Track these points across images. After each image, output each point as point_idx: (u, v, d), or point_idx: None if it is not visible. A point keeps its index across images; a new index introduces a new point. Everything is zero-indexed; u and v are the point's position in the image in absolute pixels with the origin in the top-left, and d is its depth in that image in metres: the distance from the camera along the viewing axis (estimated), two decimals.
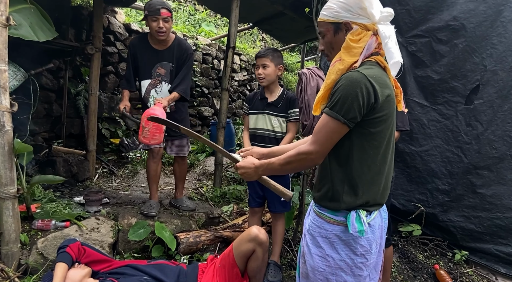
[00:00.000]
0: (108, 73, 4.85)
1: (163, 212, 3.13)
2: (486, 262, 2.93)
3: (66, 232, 2.58)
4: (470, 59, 2.95)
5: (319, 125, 1.32)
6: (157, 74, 3.01)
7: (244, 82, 7.66)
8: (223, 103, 4.19)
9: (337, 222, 1.37)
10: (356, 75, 1.27)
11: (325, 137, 1.30)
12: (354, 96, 1.25)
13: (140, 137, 2.64)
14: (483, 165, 2.90)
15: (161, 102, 2.76)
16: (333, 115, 1.27)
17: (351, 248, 1.36)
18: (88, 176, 4.00)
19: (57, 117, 4.35)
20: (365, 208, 1.36)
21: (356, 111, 1.26)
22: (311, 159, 1.34)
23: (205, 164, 4.95)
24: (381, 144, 1.35)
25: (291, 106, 2.67)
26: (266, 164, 1.50)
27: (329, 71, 1.39)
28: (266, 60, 2.63)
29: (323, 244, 1.39)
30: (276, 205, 2.69)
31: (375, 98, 1.27)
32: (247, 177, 1.57)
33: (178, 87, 2.95)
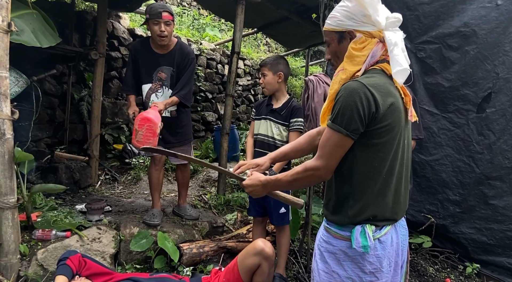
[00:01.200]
0: (112, 78, 4.81)
1: (165, 221, 3.07)
2: (498, 276, 2.83)
3: (67, 242, 2.52)
4: (481, 67, 2.87)
5: (324, 139, 1.28)
6: (158, 79, 2.95)
7: (248, 87, 7.61)
8: (227, 109, 4.13)
9: (343, 237, 1.32)
10: (354, 84, 1.23)
11: (331, 151, 1.25)
12: (353, 107, 1.20)
13: (134, 141, 2.58)
14: (495, 175, 2.82)
15: (157, 105, 2.70)
16: (335, 128, 1.23)
17: (359, 265, 1.30)
18: (91, 183, 3.95)
19: (60, 123, 4.32)
20: (372, 222, 1.30)
21: (357, 122, 1.21)
22: (319, 174, 1.29)
23: (209, 170, 4.89)
24: (387, 155, 1.28)
25: (293, 116, 2.60)
26: (274, 180, 1.45)
27: (333, 81, 1.35)
28: (265, 69, 2.62)
29: (329, 259, 1.34)
30: (274, 218, 2.63)
31: (376, 107, 1.21)
32: (255, 194, 1.51)
33: (179, 93, 2.89)
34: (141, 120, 2.53)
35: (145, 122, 2.53)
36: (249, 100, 7.68)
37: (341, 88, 1.25)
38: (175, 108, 2.99)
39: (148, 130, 2.53)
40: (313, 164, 1.28)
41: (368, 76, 1.26)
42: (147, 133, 2.53)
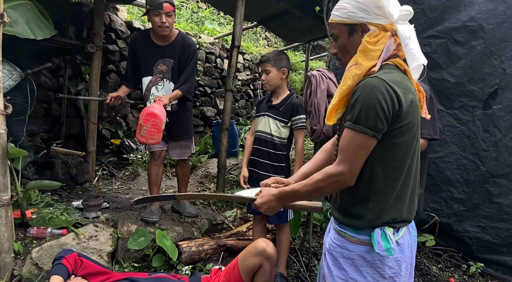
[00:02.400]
0: (109, 72, 4.72)
1: (164, 218, 3.00)
2: (502, 275, 2.79)
3: (63, 240, 2.46)
4: (488, 62, 2.80)
5: (345, 142, 1.19)
6: (159, 71, 2.88)
7: (248, 81, 7.52)
8: (227, 104, 4.06)
9: (361, 241, 1.25)
10: (375, 81, 1.15)
11: (354, 154, 1.17)
12: (377, 105, 1.13)
13: (137, 136, 2.52)
14: (501, 173, 2.76)
15: (162, 99, 2.64)
16: (359, 129, 1.15)
17: (378, 270, 1.23)
18: (88, 178, 3.87)
19: (56, 117, 4.23)
20: (391, 225, 1.24)
21: (383, 121, 1.14)
22: (343, 180, 1.19)
23: (208, 166, 4.82)
24: (407, 154, 1.23)
25: (295, 113, 2.52)
26: (290, 192, 1.34)
27: (345, 77, 1.26)
28: (268, 65, 2.52)
29: (345, 265, 1.27)
30: (271, 217, 2.56)
31: (399, 104, 1.15)
32: (271, 211, 1.40)
33: (182, 86, 2.83)
34: (146, 115, 2.47)
35: (150, 117, 2.46)
36: (248, 95, 7.60)
37: (360, 86, 1.18)
38: (176, 102, 2.92)
39: (153, 126, 2.47)
40: (336, 170, 1.20)
41: (386, 72, 1.19)
42: (151, 129, 2.47)
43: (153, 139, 2.49)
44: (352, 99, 1.19)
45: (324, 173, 1.23)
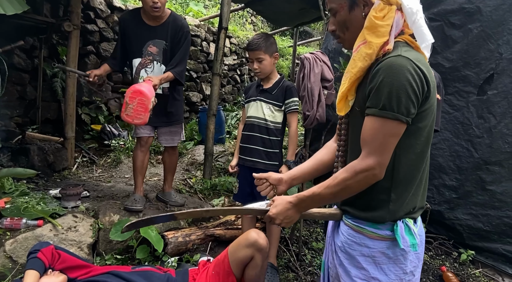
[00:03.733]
0: (88, 54, 4.47)
1: (148, 207, 2.86)
2: (492, 262, 2.78)
3: (39, 232, 2.30)
4: (484, 46, 2.73)
5: (371, 132, 1.06)
6: (148, 53, 2.72)
7: (234, 66, 7.33)
8: (214, 89, 3.90)
9: (382, 237, 1.14)
10: (401, 60, 1.03)
11: (384, 144, 1.04)
12: (408, 87, 1.01)
13: (123, 114, 2.37)
14: (494, 160, 2.72)
15: (152, 80, 2.48)
16: (390, 115, 1.02)
17: (401, 266, 1.14)
18: (66, 166, 3.68)
19: (31, 100, 3.99)
20: (411, 215, 1.15)
21: (415, 104, 1.04)
22: (373, 175, 1.06)
23: (194, 153, 4.68)
24: (428, 139, 1.13)
25: (288, 96, 2.42)
26: (310, 197, 1.16)
27: (354, 58, 1.13)
28: (260, 53, 2.36)
29: (365, 264, 1.16)
30: None
31: (427, 85, 1.05)
32: (288, 222, 1.22)
33: (174, 69, 2.68)
34: (132, 92, 2.31)
35: (136, 95, 2.30)
36: (235, 81, 7.42)
37: (382, 67, 1.04)
38: (168, 86, 2.78)
39: (140, 105, 2.32)
40: (365, 164, 1.06)
41: (406, 50, 1.07)
42: (138, 108, 2.32)
43: (139, 119, 2.34)
44: (372, 83, 1.06)
45: (351, 170, 1.08)
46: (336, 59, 2.90)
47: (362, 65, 1.10)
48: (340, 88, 1.20)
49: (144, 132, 2.77)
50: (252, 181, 2.47)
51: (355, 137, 1.19)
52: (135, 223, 1.29)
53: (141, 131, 2.76)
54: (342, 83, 1.19)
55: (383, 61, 1.05)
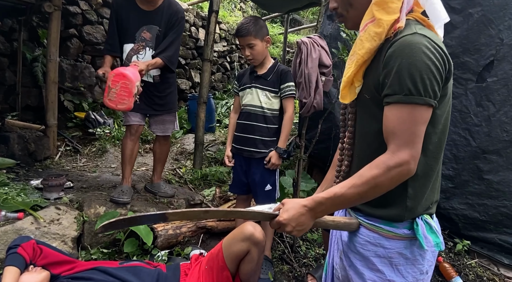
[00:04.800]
0: (71, 37, 4.25)
1: (136, 198, 2.74)
2: (488, 252, 2.75)
3: (19, 225, 2.16)
4: (485, 31, 2.64)
5: (398, 122, 0.92)
6: (141, 39, 2.57)
7: (224, 53, 7.14)
8: (205, 75, 3.76)
9: (399, 236, 1.04)
10: (418, 39, 0.92)
11: (415, 134, 0.92)
12: (433, 67, 0.90)
13: (105, 99, 2.24)
14: (492, 149, 2.66)
15: (138, 64, 2.34)
16: (419, 100, 0.90)
17: (419, 267, 1.05)
18: (49, 155, 3.50)
19: (10, 86, 3.78)
20: (428, 211, 1.06)
21: (440, 86, 0.93)
22: (408, 170, 0.93)
23: (183, 142, 4.54)
24: (445, 127, 1.04)
25: (284, 81, 2.29)
26: (329, 199, 0.98)
27: (361, 38, 1.02)
28: (250, 39, 2.21)
29: (381, 266, 1.06)
30: (259, 196, 2.37)
31: (448, 66, 0.95)
32: (300, 229, 1.02)
33: (163, 54, 2.53)
34: (115, 76, 2.17)
35: (120, 78, 2.16)
36: (225, 68, 7.24)
37: (397, 47, 0.93)
38: (158, 73, 2.64)
39: (123, 89, 2.18)
40: (398, 158, 0.92)
41: (421, 28, 0.96)
42: (121, 92, 2.18)
43: (123, 104, 2.20)
44: (387, 66, 0.94)
45: (382, 166, 0.93)
46: (332, 45, 2.77)
47: (370, 46, 0.99)
48: (345, 72, 1.08)
49: (135, 120, 2.63)
50: (247, 170, 2.38)
51: (364, 128, 1.08)
52: (114, 222, 1.00)
53: (131, 119, 2.63)
54: (347, 67, 1.08)
55: (398, 41, 0.94)
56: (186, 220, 1.74)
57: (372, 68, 1.02)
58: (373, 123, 1.04)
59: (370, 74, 1.03)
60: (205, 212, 1.03)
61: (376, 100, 1.01)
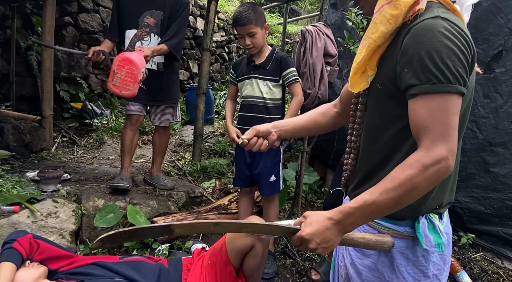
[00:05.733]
0: (66, 25, 4.13)
1: (136, 191, 2.67)
2: (492, 246, 2.72)
3: (15, 219, 2.09)
4: (494, 21, 2.57)
5: (429, 114, 0.83)
6: (145, 25, 2.49)
7: (222, 43, 7.03)
8: (204, 65, 3.67)
9: (401, 234, 0.97)
10: (440, 22, 0.83)
11: (450, 126, 0.82)
12: (458, 52, 0.81)
13: (109, 84, 2.18)
14: (499, 141, 2.61)
15: (143, 50, 2.27)
16: (450, 88, 0.81)
17: (421, 269, 0.98)
18: (45, 146, 3.42)
19: (4, 75, 3.67)
20: (436, 211, 0.98)
21: (467, 74, 0.84)
22: (447, 167, 0.81)
23: (182, 134, 4.47)
24: (465, 117, 0.95)
25: (284, 67, 2.20)
26: (359, 209, 0.86)
27: (375, 21, 0.92)
28: (251, 27, 2.10)
29: (380, 265, 0.99)
30: (264, 187, 2.31)
31: (473, 53, 0.86)
32: (327, 246, 0.90)
33: (169, 41, 2.46)
34: (121, 61, 2.11)
35: (125, 64, 2.10)
36: (223, 59, 7.13)
37: (417, 32, 0.84)
38: (162, 61, 2.57)
39: (128, 74, 2.11)
40: (435, 155, 0.81)
41: (444, 12, 0.87)
42: (126, 78, 2.12)
43: (127, 90, 2.14)
44: (406, 53, 0.85)
45: (417, 165, 0.82)
46: (336, 34, 2.69)
47: (385, 30, 0.89)
48: (356, 58, 0.99)
49: (135, 110, 2.56)
50: (251, 162, 2.31)
51: (372, 120, 1.00)
52: (112, 235, 0.87)
53: (131, 109, 2.56)
54: (358, 52, 0.98)
55: (417, 25, 0.85)
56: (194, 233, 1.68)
57: (386, 56, 0.94)
58: (382, 116, 0.96)
59: (384, 63, 0.94)
60: (215, 225, 0.91)
61: (388, 92, 0.93)
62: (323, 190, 3.38)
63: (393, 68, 0.89)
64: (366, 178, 1.03)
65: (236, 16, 2.11)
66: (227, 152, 4.03)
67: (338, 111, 1.26)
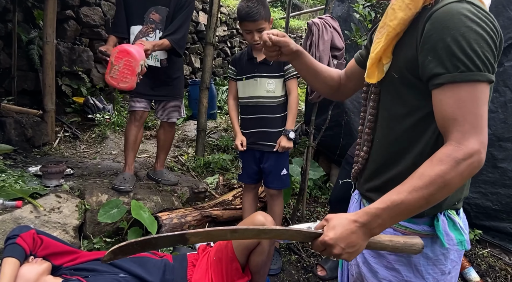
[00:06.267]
0: (68, 19, 4.08)
1: (139, 186, 2.64)
2: (499, 242, 2.69)
3: (18, 214, 2.06)
4: (504, 13, 2.52)
5: (458, 105, 0.77)
6: (150, 21, 2.45)
7: (225, 38, 6.97)
8: (207, 60, 3.63)
9: (418, 233, 0.93)
10: (465, 6, 0.78)
11: (480, 117, 0.78)
12: (487, 36, 0.77)
13: (107, 76, 2.13)
14: (508, 136, 2.58)
15: (143, 44, 2.22)
16: (480, 76, 0.76)
17: (440, 267, 0.94)
18: (47, 141, 3.39)
19: (6, 69, 3.64)
20: (453, 206, 0.94)
21: (496, 61, 0.79)
22: (479, 161, 0.77)
23: (184, 129, 4.43)
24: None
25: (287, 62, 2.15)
26: (387, 209, 0.80)
27: (393, 7, 0.88)
28: (262, 23, 2.04)
29: (398, 265, 0.96)
30: (276, 181, 2.27)
31: (500, 39, 0.81)
32: (352, 252, 0.83)
33: (171, 36, 2.41)
34: (119, 52, 2.06)
35: (123, 55, 2.06)
36: (226, 54, 7.08)
37: (441, 17, 0.79)
38: (166, 57, 2.52)
39: (126, 67, 2.07)
40: (467, 149, 0.76)
41: None
42: (124, 70, 2.07)
43: (125, 83, 2.10)
44: (429, 40, 0.80)
45: (448, 160, 0.76)
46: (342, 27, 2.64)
47: (404, 16, 0.85)
48: (373, 48, 0.95)
49: (140, 106, 2.53)
50: (260, 157, 2.27)
51: (387, 111, 0.96)
52: (124, 247, 0.81)
53: (136, 104, 2.53)
54: (376, 42, 0.94)
55: (440, 10, 0.80)
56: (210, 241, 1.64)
57: (403, 43, 0.89)
58: (398, 106, 0.92)
59: (400, 50, 0.90)
60: (232, 232, 0.86)
61: (405, 81, 0.89)
62: (328, 185, 3.35)
63: (411, 56, 0.85)
64: (379, 170, 0.99)
65: (246, 11, 2.02)
66: (230, 147, 4.00)
67: (341, 83, 1.23)
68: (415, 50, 0.84)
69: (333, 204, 2.20)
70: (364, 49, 1.15)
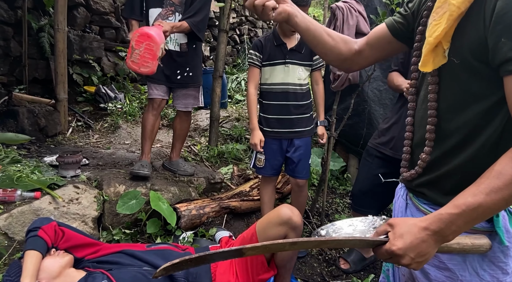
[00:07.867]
0: (77, 6, 4.01)
1: (156, 177, 2.60)
2: None
3: (37, 205, 2.03)
4: None
5: None
6: (170, 3, 2.39)
7: (234, 25, 6.85)
8: (221, 47, 3.54)
9: (476, 229, 0.86)
10: None
11: None
12: None
13: (128, 61, 2.09)
14: None
15: (162, 25, 2.16)
16: None
17: (500, 266, 0.87)
18: (60, 130, 3.36)
19: (16, 57, 3.58)
20: None
21: None
22: None
23: (196, 118, 4.37)
24: None
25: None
26: (462, 214, 0.72)
27: None
28: (306, 9, 1.99)
29: (451, 264, 0.89)
30: (303, 171, 2.23)
31: None
32: (421, 262, 0.77)
33: (191, 19, 2.34)
34: (139, 36, 2.02)
35: (144, 39, 2.01)
36: (235, 41, 6.97)
37: None
38: (186, 41, 2.45)
39: (147, 51, 2.02)
40: None
41: None
42: (145, 54, 2.03)
43: (146, 67, 2.05)
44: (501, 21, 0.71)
45: None
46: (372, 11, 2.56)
47: None
48: (431, 31, 0.83)
49: (158, 93, 2.47)
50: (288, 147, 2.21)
51: (446, 101, 0.86)
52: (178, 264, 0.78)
53: (154, 92, 2.47)
54: (434, 24, 0.82)
55: None
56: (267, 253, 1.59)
57: (465, 24, 0.79)
58: (460, 95, 0.83)
59: (462, 33, 0.80)
60: (292, 244, 0.79)
61: (469, 67, 0.79)
62: (346, 176, 3.29)
63: (476, 39, 0.76)
64: (436, 164, 0.91)
65: None
66: (243, 136, 3.95)
67: (356, 50, 1.08)
68: (482, 31, 0.75)
69: (356, 197, 2.15)
70: (401, 17, 1.02)
